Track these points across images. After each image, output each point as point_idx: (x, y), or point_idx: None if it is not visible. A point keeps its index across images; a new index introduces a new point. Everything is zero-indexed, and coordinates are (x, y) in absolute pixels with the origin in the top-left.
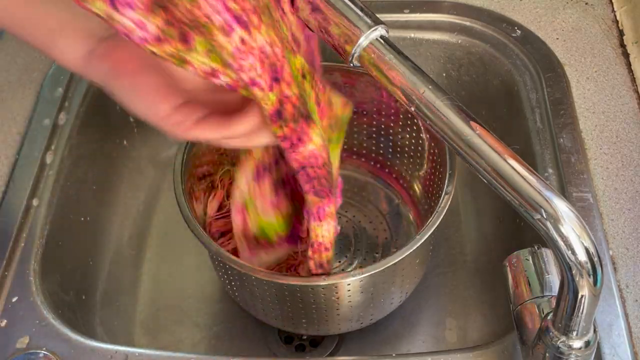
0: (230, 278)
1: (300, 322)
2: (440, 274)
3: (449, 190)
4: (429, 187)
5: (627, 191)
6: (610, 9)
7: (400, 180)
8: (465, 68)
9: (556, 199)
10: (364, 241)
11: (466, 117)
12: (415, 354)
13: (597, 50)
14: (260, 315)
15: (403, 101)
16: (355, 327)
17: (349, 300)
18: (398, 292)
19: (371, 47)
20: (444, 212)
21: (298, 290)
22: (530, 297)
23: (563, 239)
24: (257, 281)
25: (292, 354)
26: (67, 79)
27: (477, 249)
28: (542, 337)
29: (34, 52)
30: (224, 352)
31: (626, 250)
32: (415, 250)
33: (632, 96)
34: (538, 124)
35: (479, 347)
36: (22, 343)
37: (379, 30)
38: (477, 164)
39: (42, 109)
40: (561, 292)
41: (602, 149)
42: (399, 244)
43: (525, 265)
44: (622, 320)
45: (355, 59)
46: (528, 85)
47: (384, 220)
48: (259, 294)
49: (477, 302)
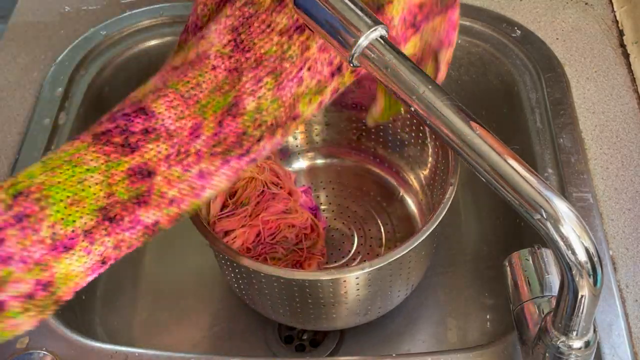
0: (237, 276)
1: (309, 317)
2: (440, 273)
3: (452, 182)
4: (431, 181)
5: (627, 191)
6: (610, 9)
7: (401, 175)
8: (465, 68)
9: (556, 199)
10: (366, 236)
11: (466, 117)
12: (416, 354)
13: (597, 50)
14: (268, 313)
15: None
16: (363, 321)
17: (357, 295)
18: (405, 284)
19: (371, 47)
20: (449, 203)
21: (307, 285)
22: (530, 297)
23: (563, 239)
24: (266, 278)
25: (292, 354)
26: (67, 79)
27: (477, 249)
28: (542, 337)
29: (34, 52)
30: (224, 352)
31: (626, 250)
32: (422, 242)
33: (632, 96)
34: (538, 124)
35: (479, 347)
36: (22, 343)
37: (378, 30)
38: (477, 164)
39: (42, 109)
40: (561, 292)
41: (602, 149)
42: (402, 238)
43: (525, 265)
44: (622, 320)
45: (355, 59)
46: (528, 85)
47: (385, 215)
48: (267, 291)
49: (477, 302)
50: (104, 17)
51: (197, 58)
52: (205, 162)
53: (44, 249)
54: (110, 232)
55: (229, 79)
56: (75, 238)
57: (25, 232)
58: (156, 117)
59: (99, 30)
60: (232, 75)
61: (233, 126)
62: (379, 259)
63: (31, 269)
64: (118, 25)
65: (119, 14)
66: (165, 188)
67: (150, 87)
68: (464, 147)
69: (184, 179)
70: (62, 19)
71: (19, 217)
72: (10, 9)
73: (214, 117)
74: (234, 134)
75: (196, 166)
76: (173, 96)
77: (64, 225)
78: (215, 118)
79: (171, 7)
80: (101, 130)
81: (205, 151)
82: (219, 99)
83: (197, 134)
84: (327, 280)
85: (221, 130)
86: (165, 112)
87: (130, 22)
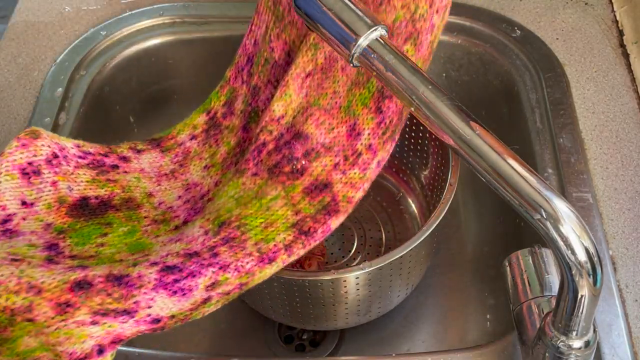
0: None
1: (309, 317)
2: (440, 273)
3: (452, 182)
4: (431, 181)
5: (627, 191)
6: (610, 9)
7: (400, 174)
8: (465, 68)
9: (556, 199)
10: (366, 236)
11: (466, 117)
12: (415, 354)
13: (597, 50)
14: (268, 313)
15: (403, 101)
16: (363, 321)
17: (357, 295)
18: (404, 284)
19: (371, 47)
20: (449, 203)
21: (307, 285)
22: (530, 297)
23: (563, 239)
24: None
25: (292, 354)
26: (67, 79)
27: (477, 249)
28: (542, 337)
29: (34, 52)
30: (224, 352)
31: (626, 250)
32: (422, 242)
33: (632, 96)
34: (538, 124)
35: (479, 347)
36: None
37: (378, 30)
38: (477, 164)
39: (42, 109)
40: (561, 292)
41: (602, 149)
42: (402, 238)
43: (525, 265)
44: (622, 320)
45: (355, 59)
46: (528, 85)
47: (385, 215)
48: (267, 291)
49: (477, 302)
50: (104, 17)
51: (327, 62)
52: (381, 152)
53: (253, 260)
54: (305, 244)
55: (365, 71)
56: (277, 252)
57: (234, 249)
58: (310, 138)
59: (99, 30)
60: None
61: (393, 107)
62: (379, 259)
63: (241, 276)
64: (118, 25)
65: (119, 14)
66: (352, 192)
67: (294, 104)
68: (464, 147)
69: (366, 178)
70: (62, 19)
71: (226, 239)
72: (11, 9)
73: (366, 109)
74: (395, 113)
75: (374, 160)
76: (318, 113)
77: (266, 243)
78: (370, 109)
79: (171, 7)
80: (273, 164)
81: (378, 142)
82: (362, 91)
83: (357, 133)
84: (327, 280)
85: (383, 115)
86: (316, 131)
87: (130, 22)
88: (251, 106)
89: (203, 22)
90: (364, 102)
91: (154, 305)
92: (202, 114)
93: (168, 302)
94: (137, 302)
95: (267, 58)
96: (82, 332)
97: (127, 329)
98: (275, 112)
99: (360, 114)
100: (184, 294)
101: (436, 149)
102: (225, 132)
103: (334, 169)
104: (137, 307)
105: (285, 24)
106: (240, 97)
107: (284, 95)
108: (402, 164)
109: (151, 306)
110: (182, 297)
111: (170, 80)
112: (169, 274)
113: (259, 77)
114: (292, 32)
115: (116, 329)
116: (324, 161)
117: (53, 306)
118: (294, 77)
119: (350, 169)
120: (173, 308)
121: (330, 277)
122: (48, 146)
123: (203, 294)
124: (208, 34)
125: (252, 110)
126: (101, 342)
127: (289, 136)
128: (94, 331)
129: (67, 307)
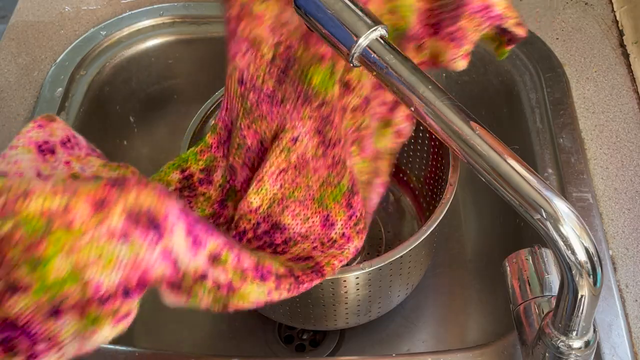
0: None
1: (309, 317)
2: (440, 273)
3: (452, 182)
4: (431, 181)
5: (627, 191)
6: (610, 9)
7: (400, 174)
8: (465, 68)
9: (556, 199)
10: (366, 237)
11: (466, 117)
12: (415, 354)
13: (597, 50)
14: (268, 313)
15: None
16: (363, 321)
17: (357, 295)
18: (404, 284)
19: (371, 47)
20: (449, 203)
21: None
22: (530, 297)
23: (563, 239)
24: None
25: (292, 354)
26: (67, 79)
27: (477, 249)
28: (542, 337)
29: (34, 52)
30: (224, 352)
31: (626, 250)
32: (422, 242)
33: (632, 96)
34: (538, 124)
35: (479, 347)
36: None
37: (378, 30)
38: (477, 164)
39: (42, 109)
40: (561, 292)
41: (602, 149)
42: (401, 239)
43: (525, 265)
44: (622, 320)
45: (355, 59)
46: (528, 85)
47: (385, 215)
48: None
49: (477, 302)
50: (104, 17)
51: (299, 161)
52: (355, 240)
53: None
54: (292, 289)
55: (334, 172)
56: (269, 274)
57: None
58: (287, 228)
59: (99, 30)
60: (335, 169)
61: (360, 202)
62: (379, 259)
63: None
64: (118, 25)
65: (119, 14)
66: (334, 261)
67: (270, 194)
68: (464, 147)
69: (344, 256)
70: (62, 19)
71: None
72: (10, 9)
73: (338, 205)
74: (360, 205)
75: (350, 245)
76: (294, 206)
77: (262, 261)
78: (342, 205)
79: (171, 7)
80: (256, 247)
81: (351, 231)
82: (333, 190)
83: (330, 223)
84: (327, 280)
85: (354, 210)
86: (292, 222)
87: (130, 22)
88: (229, 184)
89: (203, 22)
90: (335, 198)
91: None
92: (177, 171)
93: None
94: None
95: (239, 144)
96: (112, 252)
97: (155, 260)
98: (252, 203)
99: (333, 208)
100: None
101: (436, 149)
102: (201, 198)
103: (312, 250)
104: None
105: (255, 117)
106: (220, 169)
107: (260, 190)
108: (402, 163)
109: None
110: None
111: (170, 80)
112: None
113: (234, 159)
114: (262, 124)
115: (143, 257)
116: (303, 246)
117: (90, 204)
118: (269, 175)
119: (329, 250)
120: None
121: (330, 277)
122: (62, 130)
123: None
124: (208, 34)
125: (230, 188)
126: (127, 280)
127: (267, 226)
128: (122, 255)
129: (104, 204)
